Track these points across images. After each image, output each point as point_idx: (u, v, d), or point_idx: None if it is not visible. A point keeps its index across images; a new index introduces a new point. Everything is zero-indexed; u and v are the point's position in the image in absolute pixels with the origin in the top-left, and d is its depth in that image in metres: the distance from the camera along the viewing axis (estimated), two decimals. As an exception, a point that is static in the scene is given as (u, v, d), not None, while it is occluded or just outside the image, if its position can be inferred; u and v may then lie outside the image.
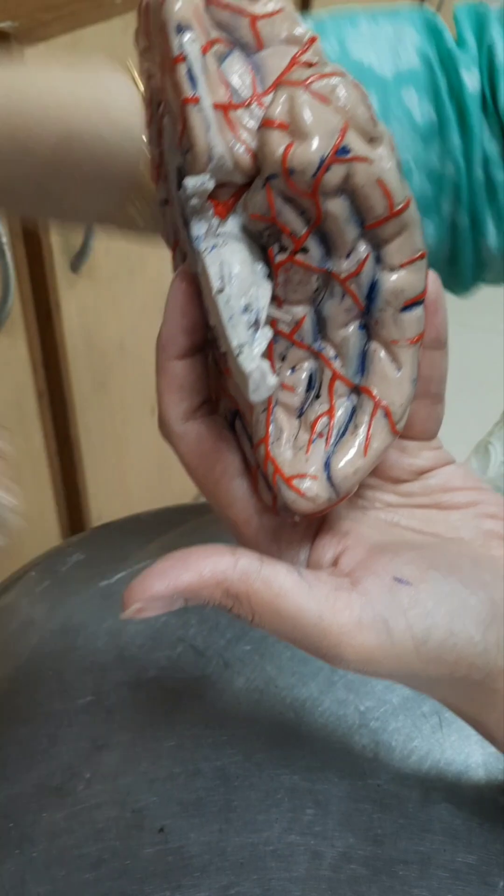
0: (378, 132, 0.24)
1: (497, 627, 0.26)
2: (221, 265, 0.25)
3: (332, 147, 0.23)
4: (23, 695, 0.40)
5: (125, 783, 0.36)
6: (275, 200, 0.24)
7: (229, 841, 0.34)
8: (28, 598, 0.46)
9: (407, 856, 0.33)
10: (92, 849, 0.34)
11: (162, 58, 0.25)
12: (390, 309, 0.26)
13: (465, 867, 0.33)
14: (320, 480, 0.26)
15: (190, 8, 0.23)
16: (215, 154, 0.24)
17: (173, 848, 0.33)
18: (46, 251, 0.79)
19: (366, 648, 0.25)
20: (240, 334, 0.24)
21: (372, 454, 0.27)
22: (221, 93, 0.24)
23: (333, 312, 0.26)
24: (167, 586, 0.25)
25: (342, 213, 0.24)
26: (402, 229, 0.25)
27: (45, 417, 0.90)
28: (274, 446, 0.27)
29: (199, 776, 0.36)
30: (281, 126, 0.23)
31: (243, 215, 0.25)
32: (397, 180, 0.24)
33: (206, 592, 0.25)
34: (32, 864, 0.33)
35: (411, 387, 0.27)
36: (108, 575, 0.46)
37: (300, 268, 0.25)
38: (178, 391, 0.28)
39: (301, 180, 0.23)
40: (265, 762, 0.36)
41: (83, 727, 0.38)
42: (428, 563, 0.27)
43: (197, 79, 0.23)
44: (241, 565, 0.25)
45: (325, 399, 0.27)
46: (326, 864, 0.33)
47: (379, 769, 0.36)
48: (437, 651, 0.26)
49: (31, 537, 0.94)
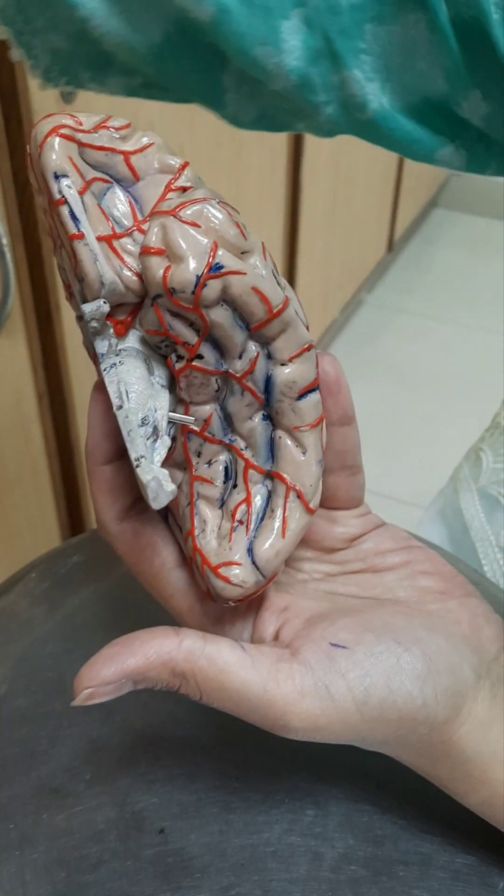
0: (248, 245, 0.26)
1: (433, 680, 0.27)
2: (119, 384, 0.27)
3: (206, 265, 0.25)
4: (22, 696, 0.40)
5: (125, 784, 0.36)
6: (164, 316, 0.26)
7: (229, 842, 0.34)
8: (28, 600, 0.46)
9: (407, 857, 0.33)
10: (92, 850, 0.34)
11: (48, 200, 0.27)
12: (287, 399, 0.28)
13: (466, 868, 0.33)
14: (245, 566, 0.28)
15: (64, 156, 0.26)
16: (106, 280, 0.26)
17: (173, 849, 0.33)
18: (47, 252, 0.79)
19: (310, 715, 0.27)
20: (138, 447, 0.26)
21: (291, 535, 0.28)
22: (103, 226, 0.27)
23: (237, 408, 0.28)
24: (114, 671, 0.27)
25: (226, 321, 0.26)
26: (285, 327, 0.27)
27: (46, 419, 0.90)
28: (200, 538, 0.28)
29: (198, 777, 0.36)
30: (158, 252, 0.26)
31: (140, 330, 0.28)
32: (272, 285, 0.27)
33: (153, 674, 0.27)
34: (32, 866, 0.33)
35: (318, 467, 0.29)
36: (107, 577, 0.46)
37: (199, 372, 0.27)
38: (110, 493, 0.29)
39: (183, 297, 0.26)
40: (265, 763, 0.36)
41: (83, 728, 0.38)
42: (362, 626, 0.28)
43: (79, 217, 0.26)
44: (185, 645, 0.27)
45: (242, 488, 0.29)
46: (326, 865, 0.33)
47: (379, 770, 0.36)
48: (378, 710, 0.27)
49: (30, 538, 0.94)
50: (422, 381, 1.79)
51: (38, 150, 0.26)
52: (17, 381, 0.84)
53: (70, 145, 0.26)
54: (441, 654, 0.28)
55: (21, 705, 0.39)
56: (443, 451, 1.57)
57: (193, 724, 0.38)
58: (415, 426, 1.66)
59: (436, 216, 2.45)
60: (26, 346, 0.83)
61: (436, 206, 2.48)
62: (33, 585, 0.46)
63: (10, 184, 0.74)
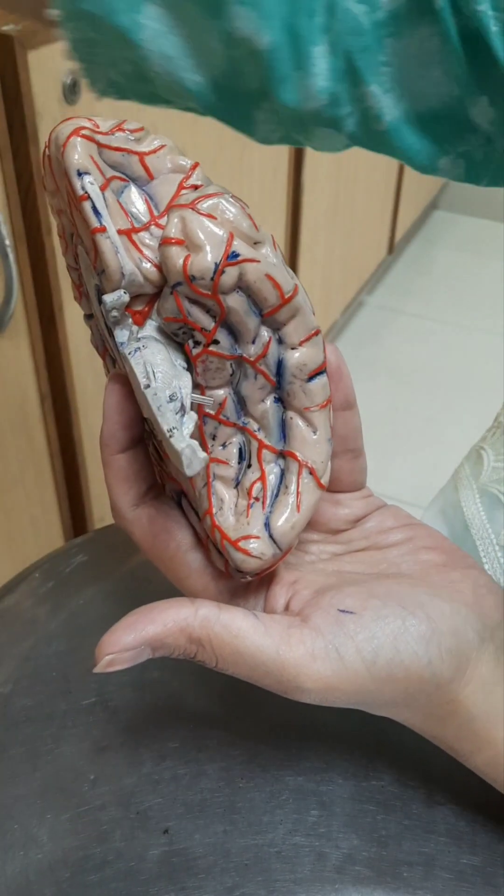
0: (260, 236, 0.28)
1: (437, 640, 0.29)
2: (145, 364, 0.28)
3: (223, 253, 0.27)
4: (26, 696, 0.40)
5: (129, 784, 0.36)
6: (183, 303, 0.28)
7: (234, 842, 0.34)
8: (31, 600, 0.46)
9: (411, 857, 0.33)
10: (96, 850, 0.34)
11: (69, 197, 0.29)
12: (298, 381, 0.29)
13: (470, 869, 0.33)
14: (263, 539, 0.29)
15: (86, 154, 0.28)
16: (126, 272, 0.28)
17: (178, 849, 0.33)
18: (49, 253, 0.79)
19: (322, 676, 0.28)
20: (169, 420, 0.28)
21: (305, 509, 0.30)
22: (123, 221, 0.28)
23: (250, 391, 0.30)
24: (134, 638, 0.28)
25: (241, 307, 0.28)
26: (295, 313, 0.29)
27: (48, 420, 0.90)
28: (218, 515, 0.30)
29: (203, 777, 0.36)
30: (178, 242, 0.27)
31: (158, 319, 0.29)
32: (283, 273, 0.28)
33: (171, 640, 0.28)
34: (37, 866, 0.33)
35: (328, 445, 0.30)
36: (110, 576, 0.46)
37: (215, 357, 0.29)
38: (125, 481, 0.31)
39: (202, 284, 0.27)
40: (270, 763, 0.36)
41: (87, 728, 0.38)
42: (368, 594, 0.30)
43: (101, 212, 0.28)
44: (201, 613, 0.28)
45: (256, 467, 0.30)
46: (331, 866, 0.33)
47: (383, 770, 0.36)
48: (386, 669, 0.28)
49: (34, 539, 0.94)
50: (422, 383, 1.79)
51: (61, 151, 0.28)
52: (20, 382, 0.84)
53: (90, 145, 0.28)
54: (444, 617, 0.29)
55: (25, 705, 0.39)
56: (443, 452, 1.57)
57: (198, 724, 0.38)
58: (415, 427, 1.66)
59: (436, 218, 2.46)
60: (29, 347, 0.83)
61: (436, 209, 2.48)
62: (37, 585, 0.46)
63: (14, 185, 0.75)
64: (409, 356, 1.88)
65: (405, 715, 0.31)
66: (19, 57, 0.69)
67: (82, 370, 0.90)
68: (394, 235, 2.06)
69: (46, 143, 0.30)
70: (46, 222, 0.78)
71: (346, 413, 0.33)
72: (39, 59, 0.71)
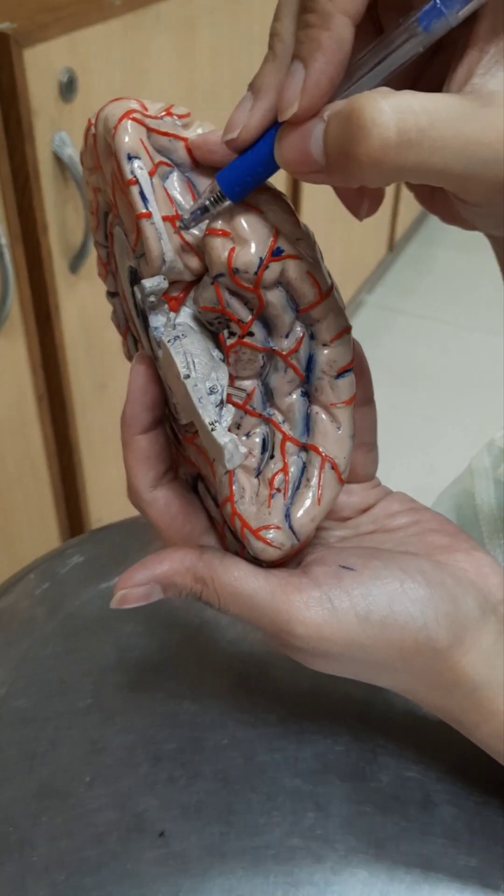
0: (302, 233, 0.28)
1: (434, 605, 0.29)
2: (185, 354, 0.29)
3: (268, 249, 0.28)
4: (22, 697, 0.40)
5: (126, 786, 0.36)
6: (223, 294, 0.28)
7: (230, 844, 0.33)
8: (28, 601, 0.45)
9: (409, 859, 0.33)
10: (92, 852, 0.33)
11: (114, 179, 0.29)
12: (326, 377, 0.30)
13: (467, 870, 0.32)
14: (283, 530, 0.30)
15: (136, 138, 0.28)
16: (167, 258, 0.28)
17: (174, 852, 0.33)
18: (45, 252, 0.79)
19: (314, 623, 0.29)
20: (210, 413, 0.29)
21: (325, 503, 0.30)
22: (168, 207, 0.28)
23: (279, 384, 0.30)
24: (145, 575, 0.30)
25: (280, 302, 0.28)
26: (329, 311, 0.29)
27: (45, 419, 0.90)
28: (239, 504, 0.30)
29: (199, 779, 0.36)
30: (223, 234, 0.28)
31: (193, 307, 0.30)
32: (322, 271, 0.29)
33: (179, 579, 0.30)
34: (32, 868, 0.33)
35: (351, 441, 0.31)
36: (107, 577, 0.46)
37: (248, 349, 0.29)
38: (145, 462, 0.32)
39: (245, 277, 0.28)
40: (266, 765, 0.36)
41: (83, 729, 0.38)
42: (372, 556, 0.31)
43: (148, 197, 0.28)
44: (206, 556, 0.30)
45: (279, 458, 0.31)
46: (328, 868, 0.33)
47: (380, 771, 0.36)
48: (379, 627, 0.29)
49: (30, 539, 0.94)
50: (422, 382, 1.79)
51: (112, 133, 0.28)
52: (16, 381, 0.84)
53: (140, 129, 0.28)
54: (444, 585, 0.30)
55: (21, 706, 0.39)
56: (442, 452, 1.57)
57: (194, 726, 0.38)
58: (415, 426, 1.66)
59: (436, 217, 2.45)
60: (25, 346, 0.83)
61: (435, 207, 2.48)
62: (33, 586, 0.46)
63: (10, 184, 0.74)
64: (409, 355, 1.87)
65: (408, 682, 0.31)
66: (15, 55, 0.69)
67: (79, 369, 0.90)
68: (394, 234, 2.05)
69: (92, 121, 0.30)
70: (42, 221, 0.78)
71: (365, 408, 0.33)
72: (35, 56, 0.71)
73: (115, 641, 0.42)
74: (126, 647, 0.42)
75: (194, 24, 0.92)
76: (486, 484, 0.53)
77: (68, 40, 0.74)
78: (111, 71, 0.80)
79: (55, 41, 0.73)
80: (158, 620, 0.43)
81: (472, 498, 0.53)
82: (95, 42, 0.77)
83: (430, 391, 1.76)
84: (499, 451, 0.54)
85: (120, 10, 0.80)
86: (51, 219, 0.79)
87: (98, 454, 0.99)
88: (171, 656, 0.41)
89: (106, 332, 0.93)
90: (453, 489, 0.56)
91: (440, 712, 0.32)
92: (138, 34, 0.83)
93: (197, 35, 0.93)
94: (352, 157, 0.23)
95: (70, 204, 0.81)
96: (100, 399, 0.96)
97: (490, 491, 0.52)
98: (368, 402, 0.33)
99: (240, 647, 0.42)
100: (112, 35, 0.79)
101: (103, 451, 0.99)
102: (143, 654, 0.42)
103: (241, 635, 0.42)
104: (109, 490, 1.03)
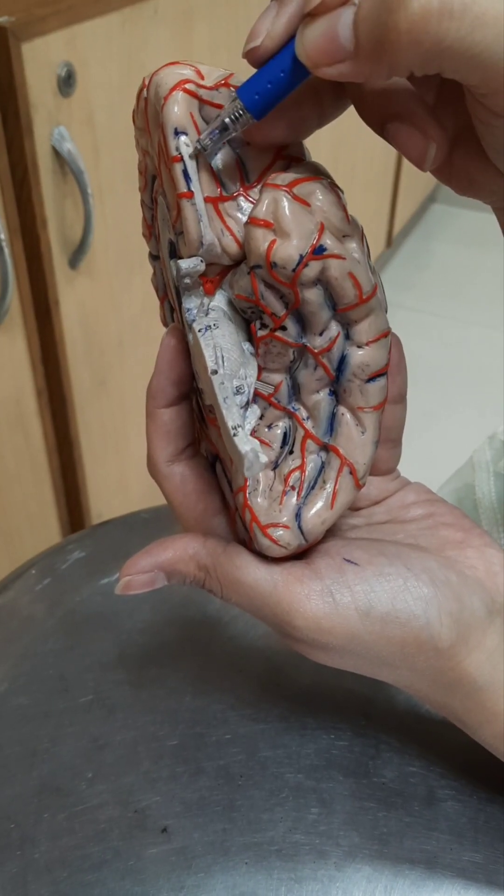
0: (350, 230, 0.27)
1: (438, 603, 0.29)
2: (215, 348, 0.28)
3: (311, 246, 0.26)
4: (23, 694, 0.39)
5: (127, 783, 0.35)
6: (258, 286, 0.27)
7: (233, 841, 0.33)
8: (28, 596, 0.45)
9: (413, 855, 0.33)
10: (94, 849, 0.33)
11: (159, 149, 0.27)
12: (357, 380, 0.29)
13: (472, 866, 0.32)
14: (292, 529, 0.29)
15: (186, 112, 0.26)
16: (206, 241, 0.27)
17: (176, 848, 0.33)
18: (45, 247, 0.79)
19: (314, 615, 0.28)
20: (234, 416, 0.28)
21: (338, 507, 0.30)
22: (212, 188, 0.27)
23: (307, 380, 0.29)
24: (149, 562, 0.31)
25: (317, 300, 0.27)
26: (369, 312, 0.28)
27: (45, 415, 0.90)
28: (251, 495, 0.30)
29: (202, 775, 0.36)
30: (266, 224, 0.26)
31: (229, 292, 0.29)
32: (366, 271, 0.27)
33: (182, 566, 0.31)
34: (34, 865, 0.33)
35: (373, 447, 0.30)
36: (108, 572, 0.46)
37: (279, 342, 0.28)
38: (166, 436, 0.31)
39: (282, 273, 0.26)
40: (269, 761, 0.36)
41: (84, 726, 0.38)
42: (377, 551, 0.30)
43: (191, 177, 0.27)
44: (209, 544, 0.31)
45: (298, 455, 0.30)
46: (332, 864, 0.32)
47: (384, 767, 0.36)
48: (381, 623, 0.29)
49: (30, 535, 0.94)
50: (421, 377, 1.79)
51: (161, 103, 0.26)
52: (15, 377, 0.84)
53: (192, 101, 0.27)
54: (449, 584, 0.29)
55: (22, 703, 0.39)
56: (441, 446, 1.57)
57: (196, 722, 0.38)
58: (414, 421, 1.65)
59: (434, 211, 2.45)
60: (25, 341, 0.83)
61: (434, 202, 2.48)
62: (33, 582, 0.46)
63: (9, 178, 0.74)
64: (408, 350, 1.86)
65: (410, 679, 0.31)
66: (13, 48, 0.69)
67: (78, 364, 0.90)
68: (392, 229, 2.05)
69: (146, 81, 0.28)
70: (42, 216, 0.77)
71: (397, 406, 0.33)
72: (33, 50, 0.70)
73: (116, 637, 0.42)
74: (127, 643, 0.42)
75: (192, 18, 0.92)
76: (487, 477, 0.53)
77: (66, 34, 0.74)
78: (109, 65, 0.80)
79: (53, 35, 0.73)
80: (160, 616, 0.43)
81: (473, 491, 0.53)
82: (94, 36, 0.77)
83: (430, 385, 1.76)
84: (500, 445, 0.54)
85: (118, 3, 0.79)
86: (50, 213, 0.78)
87: (98, 449, 0.98)
88: (172, 652, 0.41)
89: (105, 328, 0.93)
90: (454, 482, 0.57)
91: (443, 711, 0.32)
92: (136, 28, 0.82)
93: (195, 28, 0.93)
94: (389, 29, 0.21)
95: (69, 199, 0.80)
96: (99, 394, 0.96)
97: (490, 484, 0.52)
98: (402, 400, 0.33)
99: (242, 642, 0.42)
100: (110, 29, 0.79)
101: (103, 446, 0.99)
102: (144, 650, 0.41)
103: (242, 631, 0.42)
104: (109, 485, 1.03)
